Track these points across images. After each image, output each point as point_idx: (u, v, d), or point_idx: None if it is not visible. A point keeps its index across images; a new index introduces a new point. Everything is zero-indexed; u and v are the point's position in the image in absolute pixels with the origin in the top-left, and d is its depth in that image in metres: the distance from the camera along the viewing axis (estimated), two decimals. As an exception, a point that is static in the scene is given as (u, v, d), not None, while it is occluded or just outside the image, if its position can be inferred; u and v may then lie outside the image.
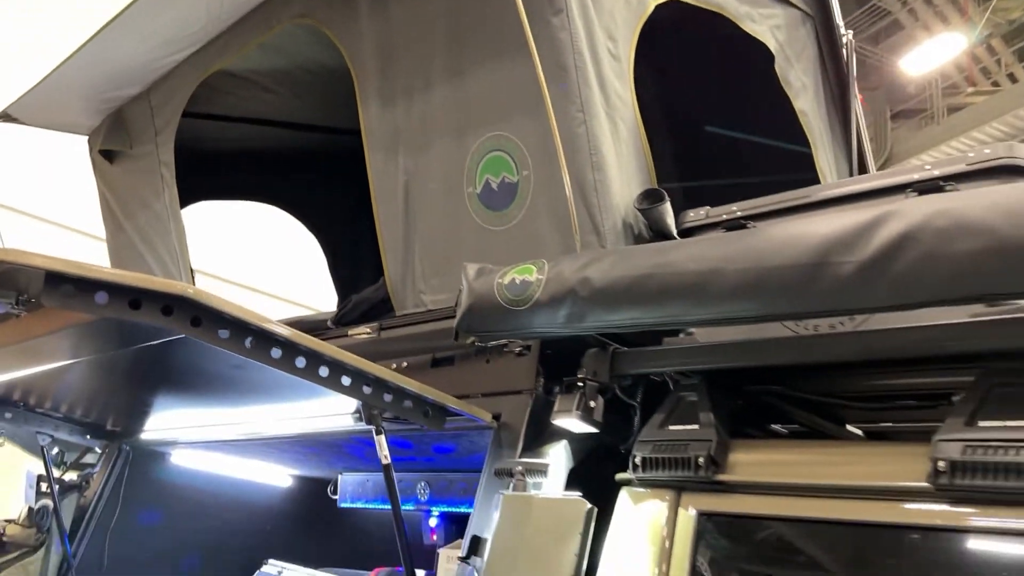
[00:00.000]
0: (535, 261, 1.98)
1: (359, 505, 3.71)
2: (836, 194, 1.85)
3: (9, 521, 3.62)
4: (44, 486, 3.54)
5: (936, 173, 1.76)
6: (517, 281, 1.96)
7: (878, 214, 1.49)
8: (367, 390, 2.02)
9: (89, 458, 3.88)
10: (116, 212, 4.23)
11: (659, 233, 2.32)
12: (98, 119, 4.21)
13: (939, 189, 1.75)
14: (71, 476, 3.76)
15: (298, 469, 4.14)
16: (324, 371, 1.95)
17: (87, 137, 4.37)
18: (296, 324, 3.24)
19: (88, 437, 3.60)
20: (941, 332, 1.60)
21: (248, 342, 1.83)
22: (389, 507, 3.90)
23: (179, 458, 3.81)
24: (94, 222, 4.51)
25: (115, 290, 1.66)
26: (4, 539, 3.54)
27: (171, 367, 2.53)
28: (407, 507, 3.52)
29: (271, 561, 3.91)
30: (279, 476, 4.20)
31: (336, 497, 3.76)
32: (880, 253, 1.45)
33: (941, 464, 1.47)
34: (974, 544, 1.51)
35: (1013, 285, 1.37)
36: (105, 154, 4.19)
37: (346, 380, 1.98)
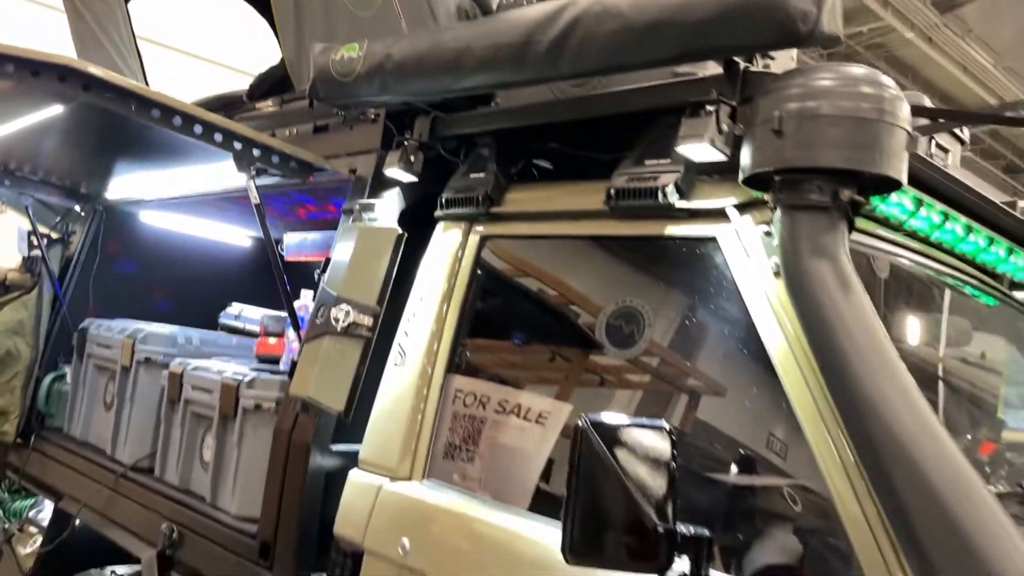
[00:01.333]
0: (359, 40, 2.46)
1: (301, 258, 4.41)
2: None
3: (10, 269, 4.39)
4: (34, 240, 4.26)
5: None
6: (345, 57, 2.45)
7: (567, 1, 1.95)
8: (237, 145, 2.59)
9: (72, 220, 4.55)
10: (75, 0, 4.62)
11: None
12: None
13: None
14: (57, 235, 4.46)
15: (254, 231, 4.81)
16: (198, 128, 2.50)
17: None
18: (217, 99, 3.77)
19: (65, 198, 4.27)
20: (629, 94, 2.11)
21: (133, 105, 2.37)
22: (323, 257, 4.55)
23: (147, 218, 4.48)
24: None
25: (19, 63, 2.19)
26: (7, 283, 4.31)
27: (111, 132, 3.08)
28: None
29: (233, 304, 4.71)
30: (240, 237, 4.90)
31: (284, 253, 4.46)
32: (560, 33, 1.93)
33: (611, 191, 2.05)
34: (627, 249, 2.12)
35: (637, 57, 1.85)
36: (57, -58, 4.53)
37: (218, 137, 2.54)
